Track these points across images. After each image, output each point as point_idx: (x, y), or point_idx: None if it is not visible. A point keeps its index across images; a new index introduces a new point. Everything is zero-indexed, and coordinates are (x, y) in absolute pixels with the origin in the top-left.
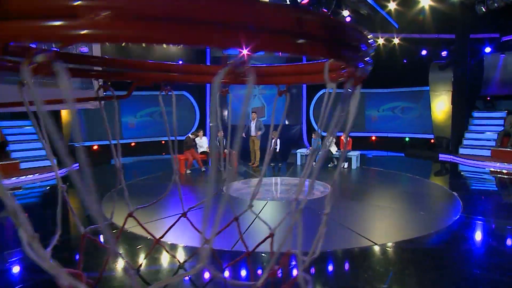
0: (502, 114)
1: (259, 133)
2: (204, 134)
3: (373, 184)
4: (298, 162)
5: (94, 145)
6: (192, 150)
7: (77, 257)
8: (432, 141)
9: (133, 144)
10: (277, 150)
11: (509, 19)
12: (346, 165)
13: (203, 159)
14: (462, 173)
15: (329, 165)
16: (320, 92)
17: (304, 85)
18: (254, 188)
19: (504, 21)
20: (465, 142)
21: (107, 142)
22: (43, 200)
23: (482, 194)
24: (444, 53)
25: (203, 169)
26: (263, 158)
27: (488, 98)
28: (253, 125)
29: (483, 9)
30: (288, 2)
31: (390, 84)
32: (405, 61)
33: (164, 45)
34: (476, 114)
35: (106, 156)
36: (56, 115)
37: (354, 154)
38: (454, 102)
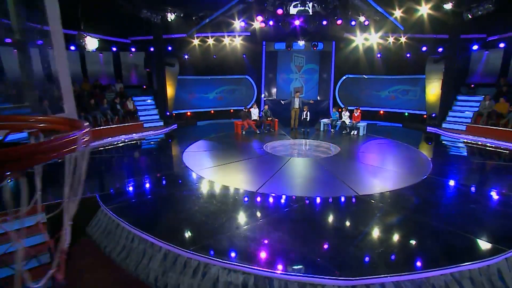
0: (480, 98)
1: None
2: (258, 107)
3: (371, 148)
4: (321, 129)
5: (187, 112)
6: (247, 119)
7: None
8: (425, 116)
9: (212, 111)
10: (308, 119)
11: (494, 23)
12: (355, 132)
13: (256, 124)
14: (441, 142)
15: (343, 132)
16: (344, 77)
17: (333, 70)
18: None
19: (490, 24)
20: (448, 118)
21: (196, 110)
22: (157, 146)
23: (450, 160)
24: (440, 50)
25: (257, 131)
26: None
27: (472, 86)
28: (296, 100)
29: (469, 16)
30: (311, 13)
31: (396, 72)
32: (408, 55)
33: (228, 43)
34: (459, 98)
35: (196, 119)
36: (163, 93)
37: (362, 125)
38: (443, 88)
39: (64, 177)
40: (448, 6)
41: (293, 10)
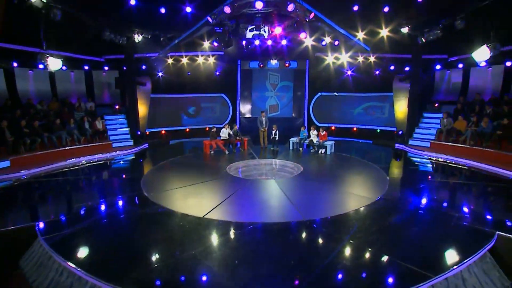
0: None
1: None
2: (231, 125)
3: (333, 167)
4: (290, 148)
5: (162, 130)
6: (215, 139)
7: None
8: (395, 133)
9: (187, 130)
10: (277, 138)
11: (454, 45)
12: (323, 151)
13: (225, 144)
14: (404, 160)
15: (311, 150)
16: (318, 95)
17: (307, 88)
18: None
19: (450, 46)
20: (414, 135)
21: (171, 128)
22: (119, 167)
23: (408, 179)
24: (407, 68)
25: (226, 152)
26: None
27: (436, 105)
28: (264, 120)
29: (423, 40)
30: (266, 37)
31: (368, 89)
32: (377, 73)
33: (202, 61)
34: (425, 115)
35: (170, 137)
36: (135, 112)
37: (329, 143)
38: (409, 105)
39: None
40: (405, 30)
41: (249, 34)
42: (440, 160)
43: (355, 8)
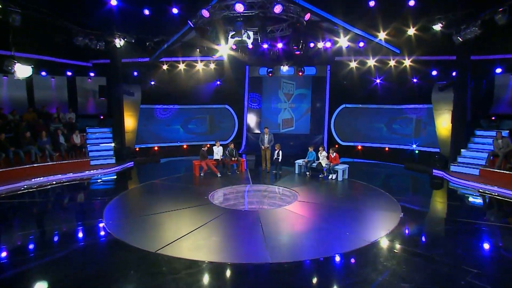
0: (504, 133)
1: (271, 144)
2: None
3: (337, 198)
4: (296, 171)
5: (155, 146)
6: (206, 159)
7: None
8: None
9: (185, 146)
10: (280, 160)
11: None
12: (334, 176)
13: (217, 165)
14: (438, 191)
15: (320, 176)
16: (341, 107)
17: (327, 99)
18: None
19: None
20: (460, 159)
21: (165, 144)
22: (89, 189)
23: (428, 219)
24: (454, 73)
25: (219, 175)
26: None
27: (493, 118)
28: (266, 138)
29: (460, 39)
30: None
31: (402, 100)
32: (415, 80)
33: (201, 69)
34: (478, 133)
35: (164, 155)
36: (120, 125)
37: (341, 168)
38: (452, 121)
39: None
40: (437, 27)
41: (230, 41)
42: (488, 193)
43: (371, 3)
